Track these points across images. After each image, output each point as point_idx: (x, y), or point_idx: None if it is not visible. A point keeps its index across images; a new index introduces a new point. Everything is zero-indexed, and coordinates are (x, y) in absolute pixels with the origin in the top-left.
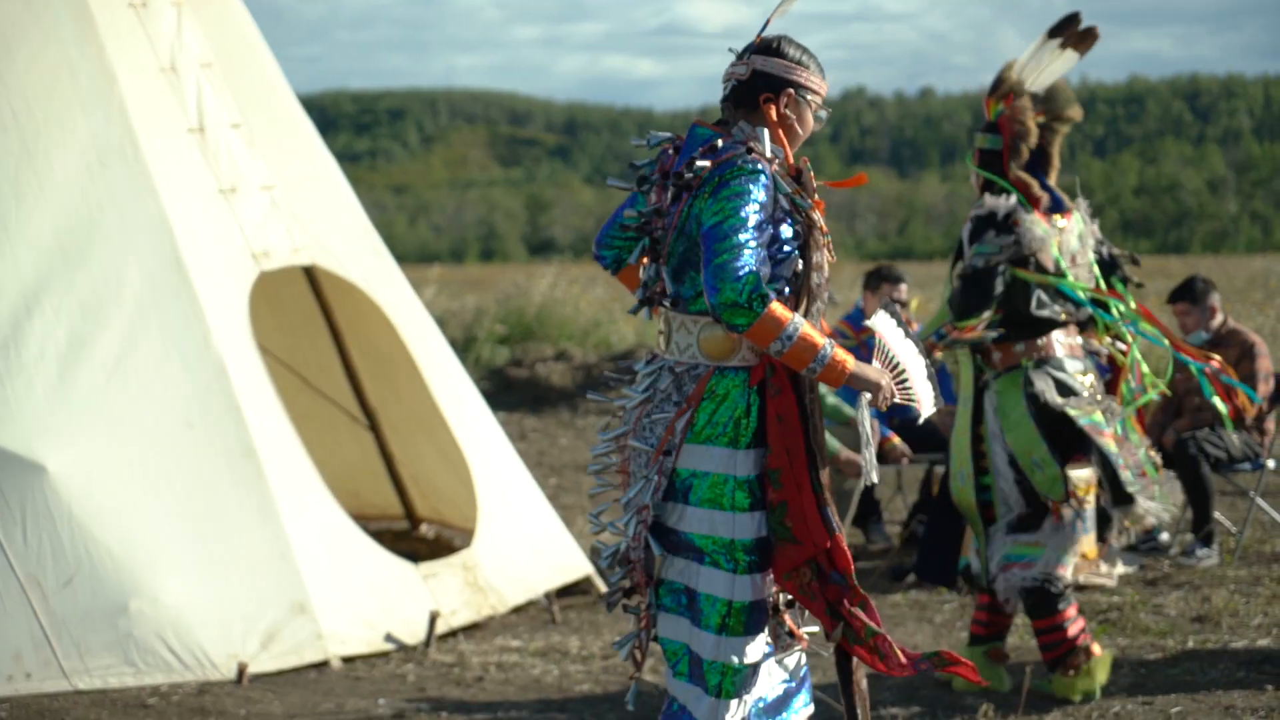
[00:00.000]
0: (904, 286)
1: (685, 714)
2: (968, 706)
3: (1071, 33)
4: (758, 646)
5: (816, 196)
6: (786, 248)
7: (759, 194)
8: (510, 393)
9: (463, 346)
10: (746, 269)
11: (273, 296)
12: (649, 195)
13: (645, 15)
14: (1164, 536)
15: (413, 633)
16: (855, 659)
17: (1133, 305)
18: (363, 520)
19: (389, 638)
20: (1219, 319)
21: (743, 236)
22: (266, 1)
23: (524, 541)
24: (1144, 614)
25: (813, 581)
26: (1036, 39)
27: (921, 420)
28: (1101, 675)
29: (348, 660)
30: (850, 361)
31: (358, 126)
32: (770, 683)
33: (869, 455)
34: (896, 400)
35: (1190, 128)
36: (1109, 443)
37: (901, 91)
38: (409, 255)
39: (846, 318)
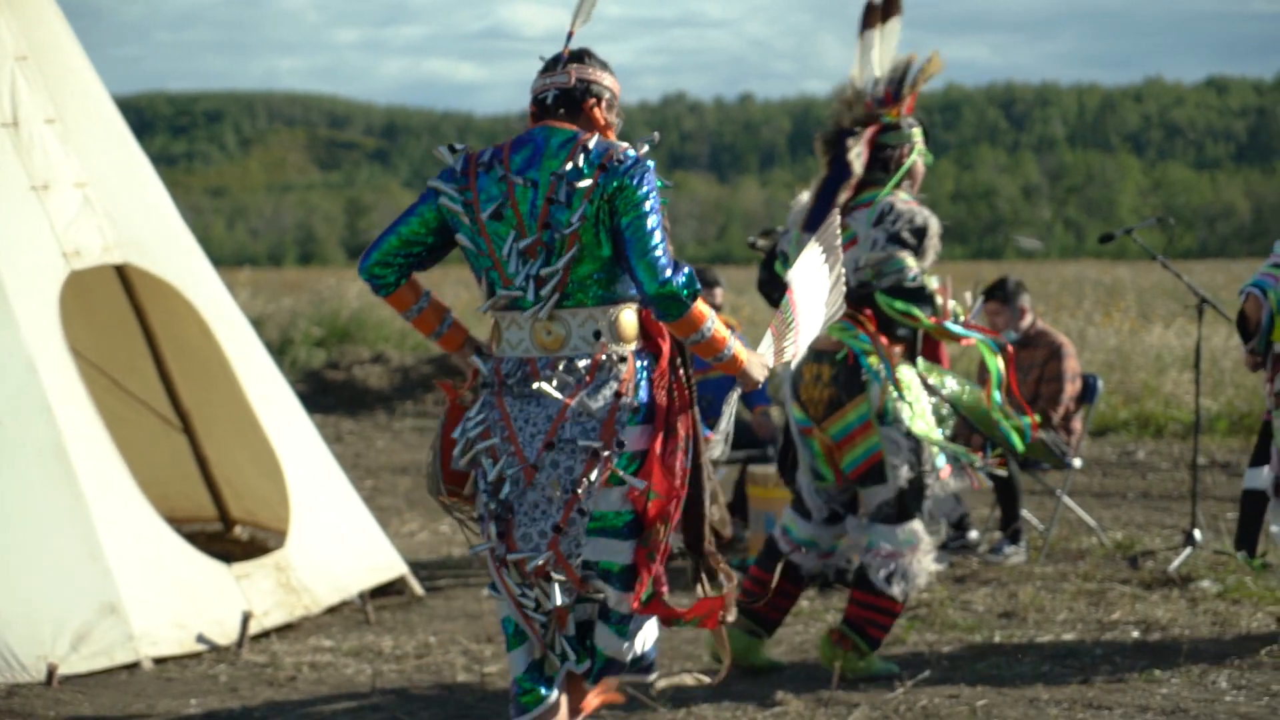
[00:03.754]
0: (719, 290)
1: (613, 664)
2: (775, 699)
3: (875, 12)
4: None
5: None
6: None
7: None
8: (327, 395)
9: (279, 349)
10: (678, 263)
11: (85, 297)
12: (500, 196)
13: (468, 19)
14: (973, 534)
15: (225, 633)
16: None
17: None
18: (176, 522)
19: (201, 638)
20: (1029, 319)
21: (662, 229)
22: (86, 1)
23: (338, 542)
24: (952, 610)
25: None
26: (857, 43)
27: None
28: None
29: (159, 661)
30: (743, 355)
31: (175, 129)
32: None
33: (728, 430)
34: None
35: (1005, 135)
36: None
37: (721, 97)
38: (226, 258)
39: None
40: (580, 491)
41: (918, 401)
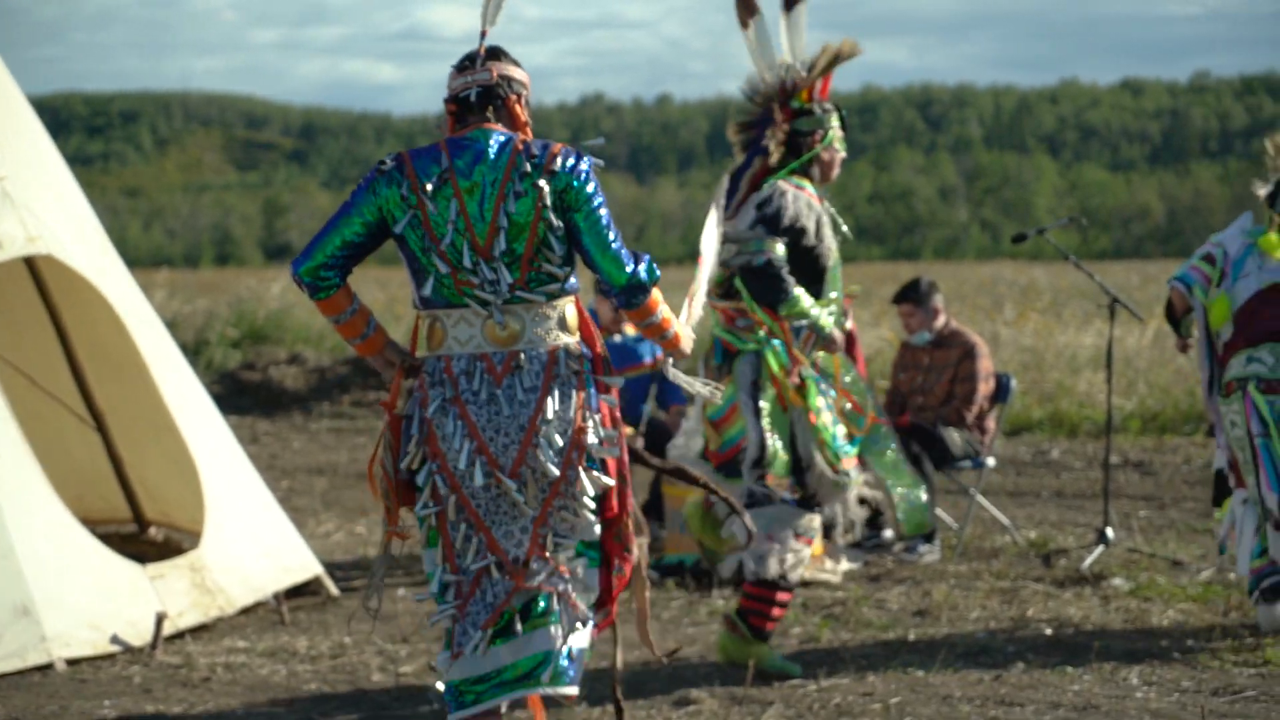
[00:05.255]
0: None
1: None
2: (690, 698)
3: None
4: None
5: None
6: None
7: None
8: (243, 396)
9: (195, 350)
10: (635, 253)
11: None
12: (446, 198)
13: (386, 20)
14: (887, 533)
15: (139, 634)
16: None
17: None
18: (90, 523)
19: (115, 640)
20: (942, 320)
21: (612, 222)
22: (1, 1)
23: (253, 543)
24: (867, 609)
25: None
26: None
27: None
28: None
29: (72, 663)
30: (681, 333)
31: (90, 129)
32: None
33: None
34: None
35: (922, 136)
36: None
37: (640, 98)
38: (142, 259)
39: None
40: (559, 489)
41: (812, 392)
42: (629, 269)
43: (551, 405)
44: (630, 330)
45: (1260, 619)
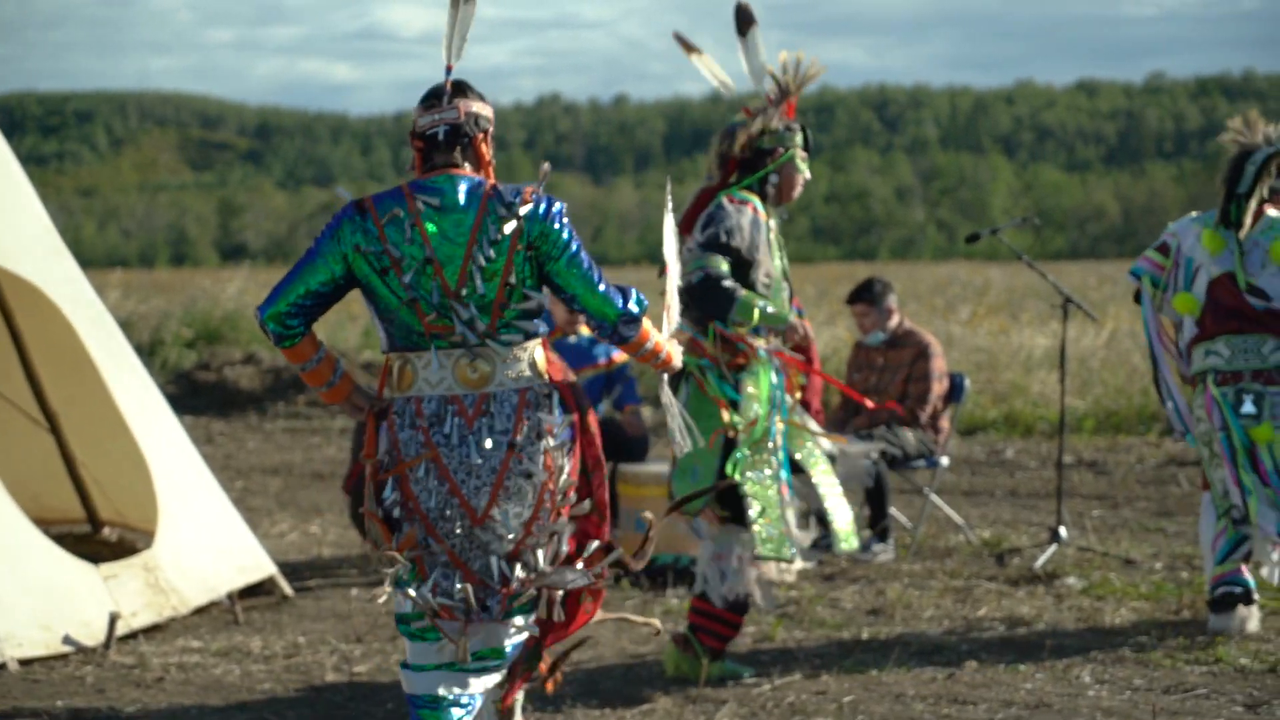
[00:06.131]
0: None
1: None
2: (644, 698)
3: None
4: None
5: None
6: None
7: None
8: (198, 396)
9: (149, 350)
10: (620, 288)
11: None
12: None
13: (343, 19)
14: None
15: (92, 634)
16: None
17: None
18: (43, 523)
19: (68, 640)
20: (896, 320)
21: (591, 260)
22: None
23: (206, 543)
24: (821, 608)
25: None
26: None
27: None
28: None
29: (25, 663)
30: (673, 352)
31: (45, 129)
32: None
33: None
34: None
35: (879, 137)
36: None
37: (596, 98)
38: (97, 260)
39: None
40: (533, 528)
41: (748, 409)
42: (620, 305)
43: (521, 450)
44: (585, 330)
45: (1210, 626)
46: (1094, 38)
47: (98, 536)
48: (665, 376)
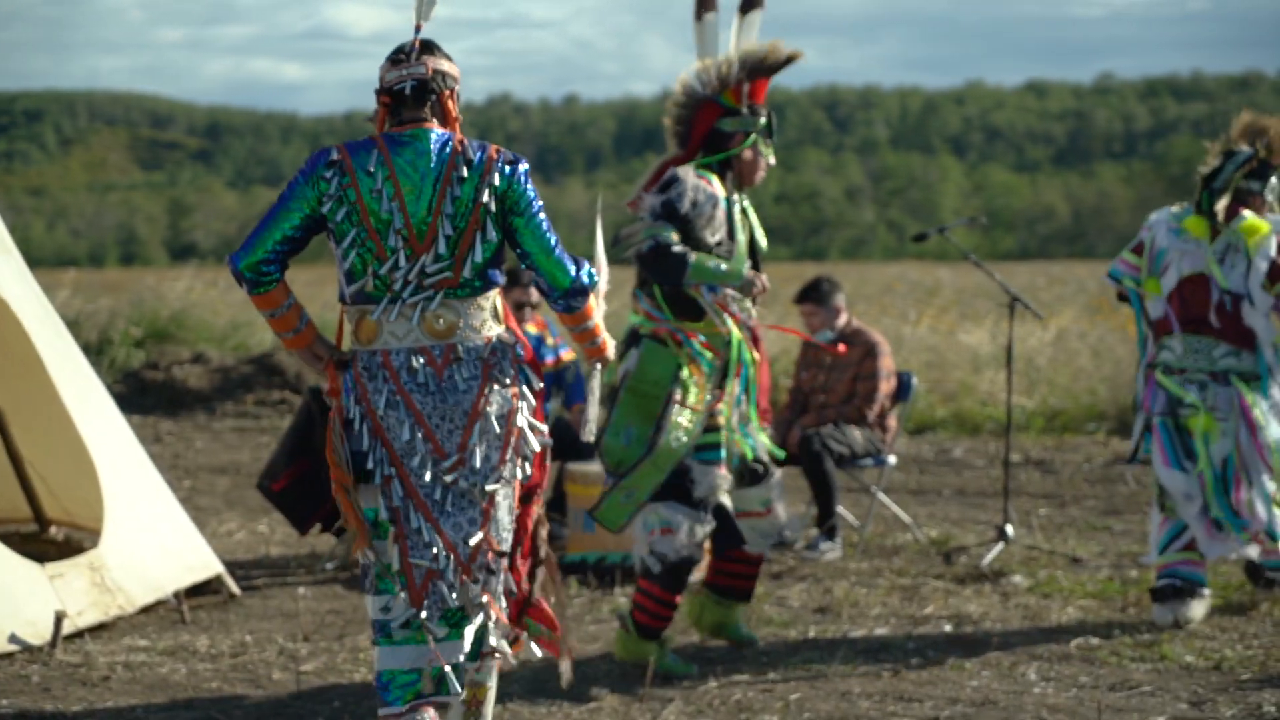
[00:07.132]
0: (534, 289)
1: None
2: (590, 696)
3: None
4: None
5: None
6: None
7: None
8: (146, 395)
9: (97, 349)
10: (575, 258)
11: None
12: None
13: (294, 19)
14: (788, 532)
15: (38, 633)
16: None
17: None
18: None
19: (13, 639)
20: (844, 319)
21: (550, 226)
22: None
23: (152, 541)
24: (768, 606)
25: None
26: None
27: None
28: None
29: None
30: (608, 339)
31: None
32: None
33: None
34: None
35: (829, 137)
36: None
37: (547, 98)
38: (47, 259)
39: None
40: (501, 479)
41: (690, 385)
42: (573, 274)
43: (491, 392)
44: (532, 329)
45: (1154, 616)
46: (1043, 39)
47: (44, 536)
48: (599, 366)
